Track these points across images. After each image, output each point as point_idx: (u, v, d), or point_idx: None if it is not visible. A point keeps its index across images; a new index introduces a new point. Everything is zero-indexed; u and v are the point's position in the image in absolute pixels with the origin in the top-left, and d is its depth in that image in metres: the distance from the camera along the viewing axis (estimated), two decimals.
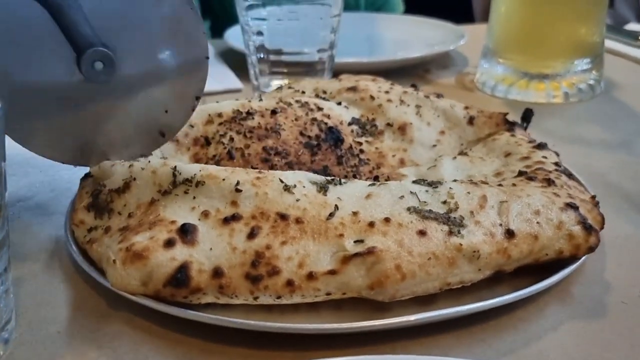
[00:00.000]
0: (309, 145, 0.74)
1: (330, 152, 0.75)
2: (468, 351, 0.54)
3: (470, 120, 0.86)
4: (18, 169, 0.87)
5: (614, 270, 0.65)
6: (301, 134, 0.75)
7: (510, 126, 0.84)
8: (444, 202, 0.60)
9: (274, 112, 0.76)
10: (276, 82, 1.12)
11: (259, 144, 0.73)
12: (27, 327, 0.56)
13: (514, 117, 0.87)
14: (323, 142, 0.75)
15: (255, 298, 0.54)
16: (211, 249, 0.55)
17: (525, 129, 0.86)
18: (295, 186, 0.59)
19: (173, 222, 0.57)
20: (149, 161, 0.65)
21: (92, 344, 0.54)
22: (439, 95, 0.90)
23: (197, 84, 0.68)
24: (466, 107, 0.88)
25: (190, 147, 0.74)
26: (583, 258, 0.61)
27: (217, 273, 0.54)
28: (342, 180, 0.62)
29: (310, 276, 0.54)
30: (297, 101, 0.80)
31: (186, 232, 0.56)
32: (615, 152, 0.93)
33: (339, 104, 0.83)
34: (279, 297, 0.54)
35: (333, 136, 0.76)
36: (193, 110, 0.69)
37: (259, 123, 0.75)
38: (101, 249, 0.59)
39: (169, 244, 0.55)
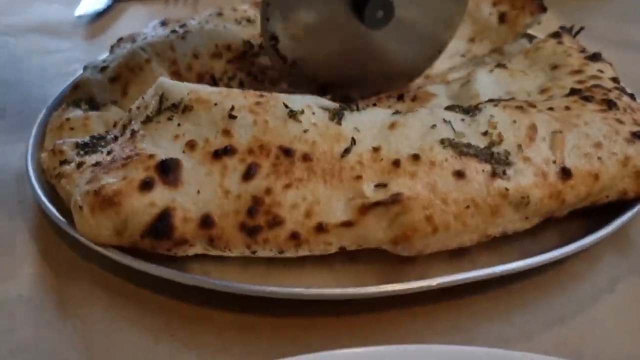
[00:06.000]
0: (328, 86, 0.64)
1: None
2: (506, 320, 0.45)
3: (502, 18, 0.74)
4: None
5: None
6: None
7: (557, 33, 0.71)
8: (485, 134, 0.48)
9: None
10: None
11: (272, 89, 0.62)
12: None
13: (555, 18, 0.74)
14: None
15: (253, 252, 0.45)
16: (199, 191, 0.45)
17: (575, 35, 0.73)
18: (302, 112, 0.48)
19: (151, 156, 0.46)
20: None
21: (58, 312, 0.46)
22: None
23: (459, 12, 0.65)
24: (494, 3, 0.76)
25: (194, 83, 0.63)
26: None
27: (206, 222, 0.44)
28: (360, 106, 0.51)
29: (320, 228, 0.44)
30: None
31: (167, 170, 0.45)
32: None
33: None
34: (281, 252, 0.45)
35: None
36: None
37: None
38: (70, 187, 0.49)
39: (146, 185, 0.44)
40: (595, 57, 0.64)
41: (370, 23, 0.58)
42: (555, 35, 0.71)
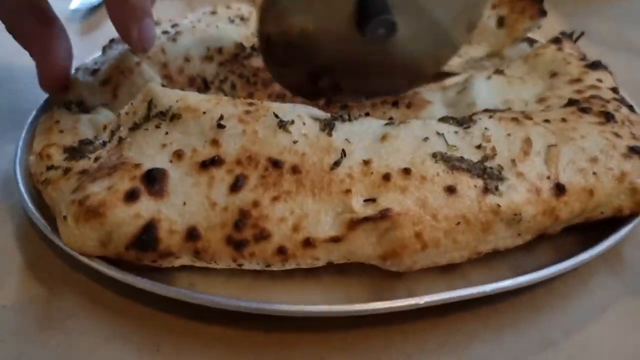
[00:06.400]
0: (322, 91, 0.63)
1: None
2: (496, 340, 0.44)
3: (500, 22, 0.73)
4: None
5: None
6: None
7: (557, 39, 0.70)
8: (479, 147, 0.47)
9: None
10: None
11: (264, 91, 0.63)
12: None
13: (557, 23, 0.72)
14: None
15: (240, 265, 0.44)
16: (185, 203, 0.44)
17: (576, 41, 0.72)
18: (293, 122, 0.47)
19: (137, 165, 0.45)
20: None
21: (43, 323, 0.45)
22: None
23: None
24: (493, 6, 0.75)
25: (184, 87, 0.62)
26: None
27: (191, 235, 0.43)
28: (353, 116, 0.50)
29: (307, 243, 0.43)
30: None
31: (153, 181, 0.44)
32: None
33: None
34: (268, 266, 0.44)
35: None
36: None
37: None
38: (56, 195, 0.48)
39: (132, 196, 0.44)
40: (594, 65, 0.63)
41: (372, 38, 0.56)
42: (556, 40, 0.70)
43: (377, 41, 0.56)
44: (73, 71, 0.66)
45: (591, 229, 0.50)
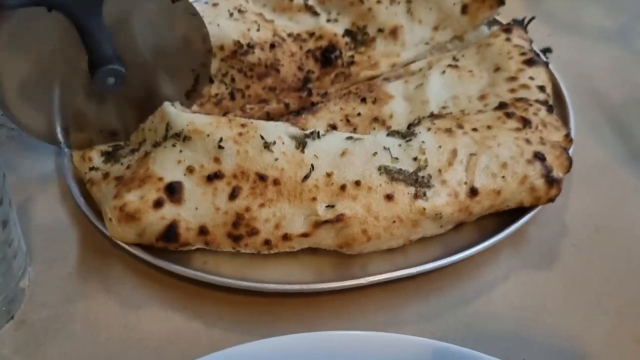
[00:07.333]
0: (307, 80, 0.79)
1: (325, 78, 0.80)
2: (425, 301, 0.61)
3: (464, 9, 0.85)
4: None
5: (574, 204, 0.69)
6: (299, 68, 0.79)
7: (508, 28, 0.82)
8: (415, 159, 0.62)
9: (272, 46, 0.78)
10: None
11: (259, 84, 0.77)
12: (41, 266, 0.64)
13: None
14: (321, 71, 0.80)
15: (238, 251, 0.61)
16: (196, 208, 0.61)
17: (526, 25, 0.84)
18: (274, 143, 0.62)
19: (161, 179, 0.62)
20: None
21: (100, 287, 0.63)
22: None
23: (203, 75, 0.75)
24: None
25: None
26: None
27: (202, 231, 0.60)
28: (321, 133, 0.64)
29: (286, 237, 0.60)
30: (289, 35, 0.81)
31: (173, 191, 0.61)
32: (610, 44, 0.90)
33: (329, 19, 0.83)
34: (258, 252, 0.61)
35: (328, 56, 0.80)
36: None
37: (259, 59, 0.77)
38: (100, 195, 0.65)
39: (158, 204, 0.60)
40: (531, 61, 0.76)
41: (104, 88, 0.64)
42: (507, 30, 0.82)
43: (109, 91, 0.65)
44: None
45: (508, 212, 0.65)
